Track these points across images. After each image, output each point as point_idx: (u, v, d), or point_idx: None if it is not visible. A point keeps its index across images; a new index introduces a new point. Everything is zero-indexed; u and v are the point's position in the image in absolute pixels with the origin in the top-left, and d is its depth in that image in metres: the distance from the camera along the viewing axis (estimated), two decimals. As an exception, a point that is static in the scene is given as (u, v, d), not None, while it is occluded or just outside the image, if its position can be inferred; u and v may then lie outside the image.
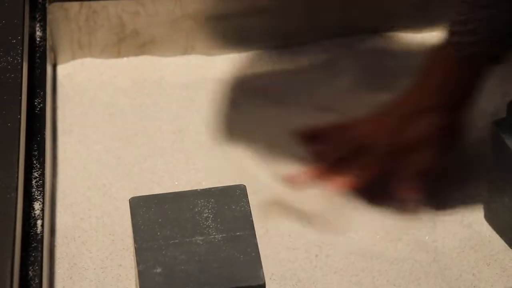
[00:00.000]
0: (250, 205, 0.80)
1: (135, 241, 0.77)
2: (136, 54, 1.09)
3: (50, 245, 0.88)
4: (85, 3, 1.03)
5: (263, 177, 0.96)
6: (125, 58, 1.09)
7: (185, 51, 1.09)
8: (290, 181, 0.95)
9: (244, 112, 1.04)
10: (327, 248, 0.91)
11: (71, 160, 0.98)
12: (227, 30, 1.08)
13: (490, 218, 0.92)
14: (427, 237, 0.92)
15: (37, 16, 0.99)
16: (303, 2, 1.07)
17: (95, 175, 0.97)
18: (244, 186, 0.81)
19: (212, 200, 0.80)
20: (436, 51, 0.93)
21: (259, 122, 1.03)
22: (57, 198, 0.94)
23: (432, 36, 1.12)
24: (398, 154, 0.93)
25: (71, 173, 0.97)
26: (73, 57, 1.08)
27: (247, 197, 0.80)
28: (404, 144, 0.93)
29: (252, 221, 0.78)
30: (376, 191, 0.94)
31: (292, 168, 0.96)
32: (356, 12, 1.09)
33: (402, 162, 0.93)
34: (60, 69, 1.07)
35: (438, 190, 0.95)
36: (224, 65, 1.08)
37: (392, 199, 0.94)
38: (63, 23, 1.04)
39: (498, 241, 0.91)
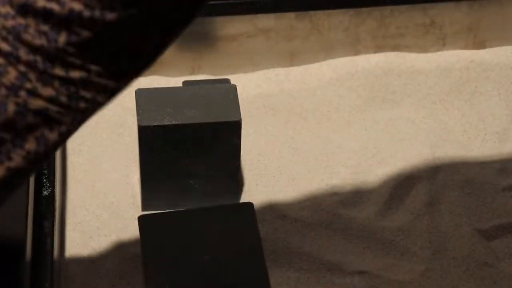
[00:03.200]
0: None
1: (144, 258, 0.78)
2: (144, 74, 1.10)
3: (60, 263, 0.89)
4: (94, 24, 1.04)
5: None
6: (133, 78, 1.10)
7: (192, 71, 1.10)
8: None
9: (254, 130, 1.05)
10: (335, 267, 0.91)
11: (80, 179, 0.99)
12: (234, 50, 1.09)
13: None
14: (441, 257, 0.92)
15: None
16: (308, 21, 1.08)
17: (103, 193, 0.97)
18: (252, 204, 0.81)
19: (220, 217, 0.80)
20: None
21: (268, 139, 1.04)
22: (66, 216, 0.95)
23: (438, 56, 1.13)
24: None
25: (80, 192, 0.97)
26: (82, 78, 1.09)
27: (255, 215, 0.81)
28: None
29: (260, 239, 0.79)
30: None
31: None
32: (361, 31, 1.10)
33: None
34: (69, 89, 1.08)
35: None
36: (231, 84, 1.09)
37: None
38: (72, 44, 1.05)
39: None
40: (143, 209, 0.96)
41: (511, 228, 0.94)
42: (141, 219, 0.80)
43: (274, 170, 1.01)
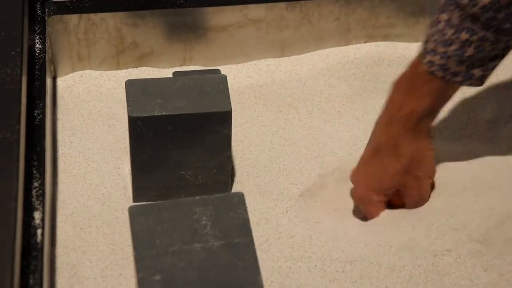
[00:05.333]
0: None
1: (135, 249, 0.78)
2: (135, 66, 1.10)
3: (51, 254, 0.89)
4: (84, 15, 1.04)
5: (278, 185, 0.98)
6: (124, 70, 1.10)
7: (184, 62, 1.10)
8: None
9: (245, 121, 1.05)
10: (326, 256, 0.92)
11: (71, 170, 0.99)
12: (225, 41, 1.09)
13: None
14: (425, 243, 0.92)
15: (37, 28, 1.00)
16: (299, 11, 1.08)
17: (94, 185, 0.97)
18: (242, 193, 0.81)
19: (210, 207, 0.80)
20: (416, 66, 0.90)
21: (260, 130, 1.04)
22: (57, 208, 0.95)
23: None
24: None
25: (71, 183, 0.97)
26: (73, 69, 1.09)
27: (245, 205, 0.81)
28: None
29: (250, 228, 0.79)
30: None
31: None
32: (351, 21, 1.10)
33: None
34: (60, 81, 1.08)
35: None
36: (222, 75, 1.09)
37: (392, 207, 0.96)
38: (62, 35, 1.05)
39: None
40: (134, 200, 0.96)
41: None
42: (131, 209, 0.80)
43: (266, 160, 1.01)
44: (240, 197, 0.81)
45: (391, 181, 0.93)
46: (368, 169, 0.94)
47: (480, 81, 0.88)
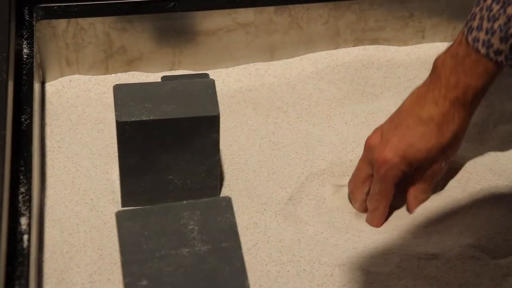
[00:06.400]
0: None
1: (121, 254, 0.77)
2: (124, 70, 1.10)
3: (38, 260, 0.88)
4: (72, 20, 1.04)
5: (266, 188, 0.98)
6: (113, 75, 1.10)
7: (173, 67, 1.10)
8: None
9: (234, 125, 1.05)
10: (315, 260, 0.91)
11: (59, 175, 0.99)
12: (214, 45, 1.09)
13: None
14: (415, 247, 0.92)
15: (24, 33, 1.00)
16: (288, 15, 1.08)
17: (83, 190, 0.97)
18: (230, 198, 0.81)
19: (197, 212, 0.80)
20: (455, 45, 0.88)
21: (249, 134, 1.04)
22: (45, 213, 0.94)
23: (417, 48, 1.13)
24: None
25: (59, 189, 0.97)
26: (61, 74, 1.08)
27: (233, 209, 0.80)
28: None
29: (238, 233, 0.79)
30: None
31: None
32: (340, 24, 1.10)
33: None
34: (49, 86, 1.08)
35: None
36: (211, 79, 1.09)
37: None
38: (50, 40, 1.05)
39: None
40: (123, 205, 0.96)
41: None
42: (118, 214, 0.80)
43: (255, 164, 1.01)
44: (228, 201, 0.81)
45: (428, 152, 0.90)
46: (402, 134, 0.91)
47: None
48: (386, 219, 0.95)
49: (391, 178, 0.92)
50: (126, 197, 0.95)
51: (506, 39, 0.84)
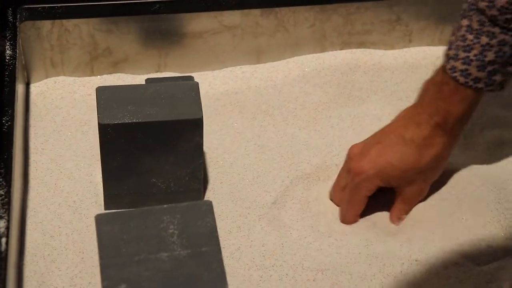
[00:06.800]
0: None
1: (100, 257, 0.77)
2: (109, 72, 1.09)
3: (19, 263, 0.88)
4: (57, 21, 1.04)
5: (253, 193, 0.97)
6: (98, 76, 1.09)
7: (158, 69, 1.10)
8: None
9: (220, 128, 1.04)
10: (298, 265, 0.91)
11: (42, 177, 0.98)
12: (200, 47, 1.08)
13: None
14: (399, 252, 0.92)
15: (7, 34, 0.99)
16: (274, 18, 1.08)
17: (66, 192, 0.97)
18: (211, 202, 0.81)
19: (178, 216, 0.79)
20: (437, 72, 0.91)
21: (235, 137, 1.03)
22: (27, 215, 0.94)
23: (404, 52, 1.13)
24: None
25: (42, 191, 0.97)
26: (46, 76, 1.08)
27: (213, 213, 0.80)
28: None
29: (218, 237, 0.78)
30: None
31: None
32: (327, 28, 1.10)
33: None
34: (33, 87, 1.07)
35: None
36: (197, 82, 1.08)
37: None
38: (35, 41, 1.04)
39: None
40: (106, 207, 0.95)
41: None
42: (97, 218, 0.79)
43: (239, 167, 1.01)
44: (208, 205, 0.81)
45: (404, 172, 0.91)
46: (383, 150, 0.92)
47: (501, 86, 0.88)
48: (375, 224, 0.95)
49: (363, 190, 0.92)
50: (109, 199, 0.95)
51: (483, 67, 0.86)
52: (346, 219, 0.95)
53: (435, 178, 0.94)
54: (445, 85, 0.89)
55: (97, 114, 0.89)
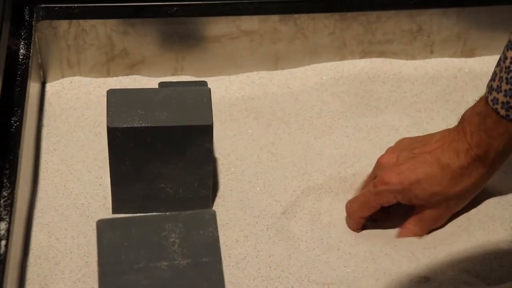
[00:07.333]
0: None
1: (99, 264, 0.76)
2: (126, 74, 1.09)
3: (22, 265, 0.87)
4: (74, 21, 1.03)
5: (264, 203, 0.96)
6: (114, 78, 1.08)
7: (175, 72, 1.09)
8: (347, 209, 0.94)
9: (234, 134, 1.03)
10: (304, 277, 0.89)
11: (52, 178, 0.97)
12: (217, 52, 1.07)
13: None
14: (406, 268, 0.90)
15: (22, 33, 0.98)
16: (293, 24, 1.06)
17: (75, 194, 0.96)
18: (214, 211, 0.79)
19: (180, 224, 0.78)
20: (479, 101, 0.88)
21: (248, 144, 1.02)
22: (34, 216, 0.93)
23: (425, 63, 1.11)
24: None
25: (51, 192, 0.96)
26: (62, 75, 1.07)
27: (216, 223, 0.79)
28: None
29: (219, 248, 0.77)
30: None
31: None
32: (347, 36, 1.08)
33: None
34: (49, 87, 1.07)
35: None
36: (214, 86, 1.07)
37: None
38: (52, 41, 1.04)
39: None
40: (114, 211, 0.95)
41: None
42: (98, 223, 0.78)
43: (251, 175, 0.99)
44: (212, 214, 0.79)
45: (431, 196, 0.89)
46: (415, 167, 0.89)
47: None
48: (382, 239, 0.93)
49: (381, 199, 0.90)
50: (117, 203, 0.94)
51: None
52: (352, 219, 0.93)
53: (459, 208, 0.92)
54: (488, 116, 0.86)
55: (106, 117, 0.89)
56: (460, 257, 0.90)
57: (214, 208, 0.96)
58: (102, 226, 0.78)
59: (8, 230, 0.79)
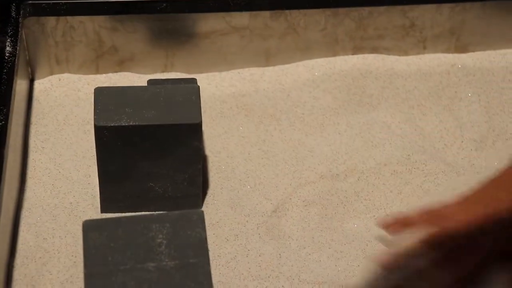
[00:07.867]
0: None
1: (85, 266, 0.75)
2: (115, 71, 1.07)
3: (9, 265, 0.86)
4: (62, 18, 1.02)
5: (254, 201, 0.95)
6: (103, 75, 1.07)
7: (165, 69, 1.08)
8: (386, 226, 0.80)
9: (224, 131, 1.02)
10: (295, 276, 0.88)
11: (40, 177, 0.96)
12: (208, 48, 1.06)
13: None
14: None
15: (9, 30, 0.97)
16: (284, 20, 1.05)
17: (63, 193, 0.95)
18: (202, 211, 0.78)
19: (167, 225, 0.77)
20: None
21: (239, 141, 1.01)
22: (21, 216, 0.92)
23: (418, 59, 1.09)
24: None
25: (39, 191, 0.95)
26: (51, 72, 1.06)
27: (204, 223, 0.78)
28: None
29: (207, 248, 0.76)
30: None
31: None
32: (339, 32, 1.07)
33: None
34: (37, 84, 1.06)
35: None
36: (204, 83, 1.06)
37: None
38: (39, 37, 1.03)
39: None
40: (102, 210, 0.93)
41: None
42: (85, 224, 0.77)
43: (241, 173, 0.98)
44: (199, 215, 0.78)
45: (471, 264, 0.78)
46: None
47: None
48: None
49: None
50: (106, 202, 0.93)
51: None
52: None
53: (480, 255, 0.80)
54: None
55: (94, 116, 0.87)
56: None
57: (204, 206, 0.95)
58: (88, 227, 0.77)
59: (-7, 231, 0.77)
